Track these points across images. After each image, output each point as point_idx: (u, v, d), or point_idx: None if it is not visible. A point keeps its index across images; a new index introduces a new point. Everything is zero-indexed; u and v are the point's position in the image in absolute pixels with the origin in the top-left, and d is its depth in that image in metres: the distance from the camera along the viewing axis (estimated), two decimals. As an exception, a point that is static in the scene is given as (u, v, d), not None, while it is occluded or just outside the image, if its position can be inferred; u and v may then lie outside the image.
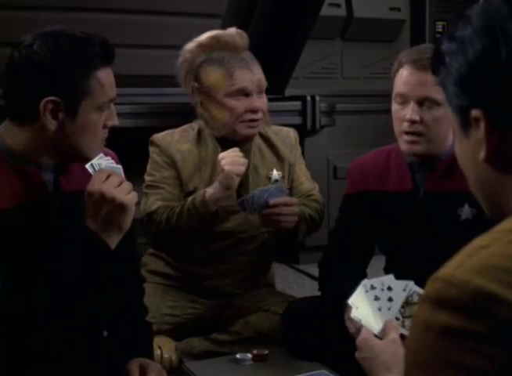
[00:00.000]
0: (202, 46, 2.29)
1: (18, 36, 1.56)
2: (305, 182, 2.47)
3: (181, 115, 2.41)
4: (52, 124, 1.50)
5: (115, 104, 1.62)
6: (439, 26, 4.40)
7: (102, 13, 3.10)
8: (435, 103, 1.89)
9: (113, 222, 1.52)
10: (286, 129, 2.51)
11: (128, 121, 3.15)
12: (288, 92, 3.67)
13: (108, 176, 1.53)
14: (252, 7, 3.37)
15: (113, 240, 1.54)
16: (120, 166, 1.61)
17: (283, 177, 2.38)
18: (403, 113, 1.93)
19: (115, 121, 1.60)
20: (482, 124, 0.79)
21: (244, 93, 2.26)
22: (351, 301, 1.46)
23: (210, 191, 2.18)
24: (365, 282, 1.46)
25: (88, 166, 1.56)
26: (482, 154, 0.80)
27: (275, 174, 2.37)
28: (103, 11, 3.12)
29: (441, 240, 1.92)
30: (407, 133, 1.93)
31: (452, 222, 1.97)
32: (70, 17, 2.98)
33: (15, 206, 1.51)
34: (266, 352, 2.10)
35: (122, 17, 3.18)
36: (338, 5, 4.03)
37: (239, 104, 2.25)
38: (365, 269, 2.17)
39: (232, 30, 2.32)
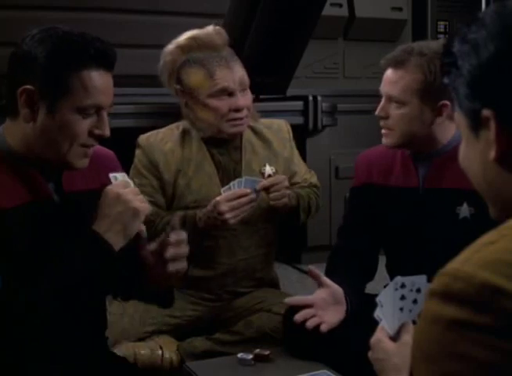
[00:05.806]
0: (181, 47, 2.28)
1: (18, 36, 1.55)
2: (305, 173, 2.49)
3: (182, 115, 2.41)
4: (26, 114, 1.49)
5: (116, 104, 1.60)
6: (441, 25, 4.41)
7: (104, 13, 3.11)
8: (400, 102, 1.98)
9: (122, 224, 1.52)
10: (277, 122, 2.50)
11: (129, 120, 3.15)
12: (290, 91, 3.67)
13: (128, 187, 1.56)
14: (254, 6, 3.36)
15: (118, 242, 1.53)
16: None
17: (276, 172, 2.34)
18: None
19: (105, 132, 1.54)
20: (492, 125, 0.81)
21: (227, 93, 2.25)
22: (379, 298, 1.46)
23: (200, 215, 2.19)
24: (398, 279, 1.45)
25: (111, 175, 1.58)
26: (492, 154, 0.82)
27: (268, 169, 2.33)
28: (105, 11, 3.13)
29: (439, 238, 1.93)
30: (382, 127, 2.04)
31: (450, 220, 1.97)
32: (71, 17, 2.98)
33: (16, 205, 1.51)
34: (268, 352, 2.09)
35: (123, 17, 3.19)
36: (340, 5, 4.03)
37: (223, 104, 2.25)
38: (371, 265, 2.17)
39: (210, 28, 2.31)
